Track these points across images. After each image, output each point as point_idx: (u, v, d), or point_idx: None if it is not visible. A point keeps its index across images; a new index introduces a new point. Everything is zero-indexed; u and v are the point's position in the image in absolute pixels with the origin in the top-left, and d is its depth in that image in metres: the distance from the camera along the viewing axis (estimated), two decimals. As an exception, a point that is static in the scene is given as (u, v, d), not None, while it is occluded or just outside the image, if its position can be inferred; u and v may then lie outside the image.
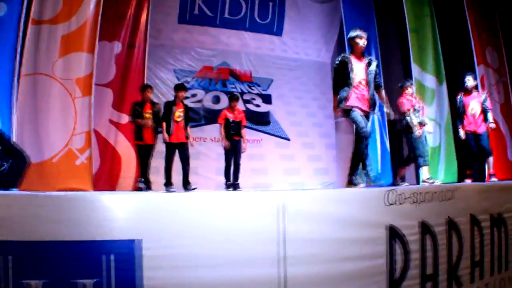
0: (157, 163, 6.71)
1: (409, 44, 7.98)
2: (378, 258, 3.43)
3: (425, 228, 3.72)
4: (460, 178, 8.24)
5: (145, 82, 6.97)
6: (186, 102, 8.27)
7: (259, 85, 8.97)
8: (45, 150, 5.66)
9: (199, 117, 8.31)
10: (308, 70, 9.31)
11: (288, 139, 9.08)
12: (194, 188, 6.47)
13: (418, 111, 6.46)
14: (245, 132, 7.30)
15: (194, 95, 8.43)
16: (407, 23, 7.98)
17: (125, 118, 6.78)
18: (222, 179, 7.26)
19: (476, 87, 6.96)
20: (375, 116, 8.75)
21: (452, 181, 8.00)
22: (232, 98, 7.38)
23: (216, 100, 8.61)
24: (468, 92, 6.82)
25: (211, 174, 8.09)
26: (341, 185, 8.40)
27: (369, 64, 5.03)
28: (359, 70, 4.97)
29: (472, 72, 7.64)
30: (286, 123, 9.10)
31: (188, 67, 8.43)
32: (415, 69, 7.99)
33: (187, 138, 6.53)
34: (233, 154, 7.14)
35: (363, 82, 4.97)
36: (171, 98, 8.20)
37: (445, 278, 3.93)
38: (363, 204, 3.37)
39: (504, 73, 8.46)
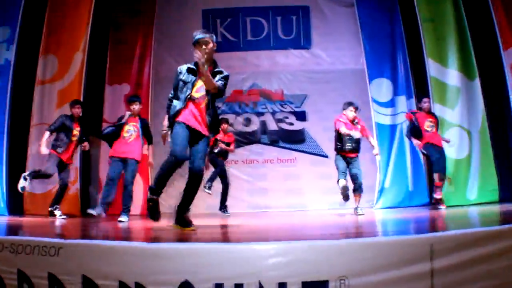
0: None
1: (421, 36, 6.54)
2: None
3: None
4: (504, 197, 6.25)
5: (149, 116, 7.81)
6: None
7: (291, 103, 8.68)
8: (48, 183, 7.09)
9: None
10: (346, 80, 8.49)
11: (326, 156, 8.46)
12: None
13: None
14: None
15: (225, 120, 8.79)
16: (417, 12, 6.57)
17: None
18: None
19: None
20: (404, 124, 7.43)
21: (491, 201, 6.16)
22: (221, 121, 7.65)
23: (247, 122, 8.77)
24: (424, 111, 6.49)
25: (244, 196, 8.37)
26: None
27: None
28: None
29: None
30: (324, 139, 8.47)
31: (220, 94, 8.84)
32: (431, 65, 6.48)
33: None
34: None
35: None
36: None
37: None
38: None
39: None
